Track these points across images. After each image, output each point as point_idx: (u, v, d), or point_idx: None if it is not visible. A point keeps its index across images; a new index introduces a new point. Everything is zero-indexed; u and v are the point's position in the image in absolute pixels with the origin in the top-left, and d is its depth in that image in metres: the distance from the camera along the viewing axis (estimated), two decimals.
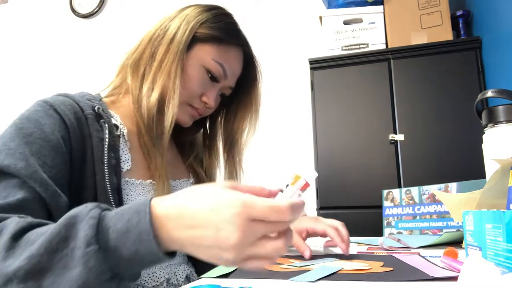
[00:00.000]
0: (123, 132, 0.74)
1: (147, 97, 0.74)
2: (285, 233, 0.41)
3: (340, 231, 0.77)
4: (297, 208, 0.40)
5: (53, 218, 0.56)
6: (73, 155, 0.64)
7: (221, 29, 0.78)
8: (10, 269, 0.41)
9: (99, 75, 2.37)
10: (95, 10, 2.55)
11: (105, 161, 0.65)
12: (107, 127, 0.69)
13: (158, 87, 0.74)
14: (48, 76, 2.59)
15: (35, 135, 0.60)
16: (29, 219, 0.48)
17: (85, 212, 0.43)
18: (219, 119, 0.92)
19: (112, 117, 0.74)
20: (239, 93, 0.88)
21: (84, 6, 2.58)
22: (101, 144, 0.67)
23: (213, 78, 0.78)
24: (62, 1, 2.66)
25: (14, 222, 0.46)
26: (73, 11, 2.60)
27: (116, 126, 0.73)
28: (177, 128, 0.81)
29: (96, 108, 0.70)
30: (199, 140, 0.94)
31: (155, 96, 0.74)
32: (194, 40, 0.77)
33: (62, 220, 0.43)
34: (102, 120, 0.69)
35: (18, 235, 0.45)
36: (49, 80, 2.57)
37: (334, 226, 0.79)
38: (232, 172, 0.89)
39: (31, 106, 0.65)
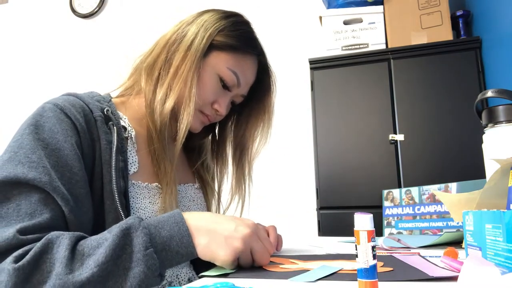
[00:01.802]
0: (131, 134, 0.74)
1: (161, 104, 0.74)
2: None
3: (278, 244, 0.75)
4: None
5: (69, 230, 0.58)
6: (84, 159, 0.64)
7: (239, 38, 0.77)
8: (83, 276, 0.49)
9: (99, 75, 2.38)
10: (95, 10, 2.55)
11: (113, 164, 0.65)
12: (115, 130, 0.68)
13: (173, 94, 0.74)
14: (48, 76, 2.59)
15: (51, 146, 0.60)
16: (72, 234, 0.54)
17: (136, 223, 0.54)
18: (229, 125, 0.91)
19: (121, 118, 0.73)
20: (252, 100, 0.87)
21: (84, 6, 2.59)
22: (109, 147, 0.66)
23: (226, 87, 0.78)
24: (62, 1, 2.66)
25: (63, 237, 0.53)
26: (73, 11, 2.60)
27: (124, 128, 0.73)
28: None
29: (105, 110, 0.70)
30: (206, 145, 0.94)
31: (170, 103, 0.73)
32: (210, 47, 0.76)
33: (116, 231, 0.53)
34: (110, 123, 0.69)
35: (73, 249, 0.52)
36: (49, 80, 2.57)
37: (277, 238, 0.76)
38: (241, 179, 0.88)
39: (42, 111, 0.64)
